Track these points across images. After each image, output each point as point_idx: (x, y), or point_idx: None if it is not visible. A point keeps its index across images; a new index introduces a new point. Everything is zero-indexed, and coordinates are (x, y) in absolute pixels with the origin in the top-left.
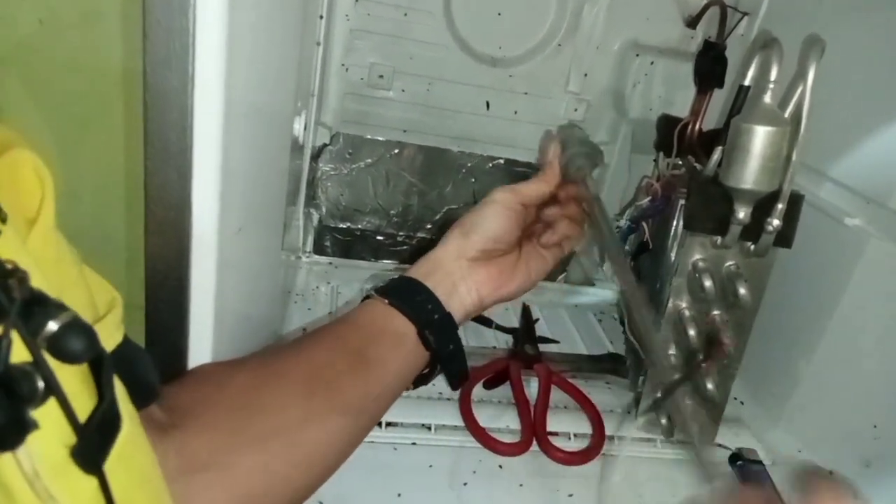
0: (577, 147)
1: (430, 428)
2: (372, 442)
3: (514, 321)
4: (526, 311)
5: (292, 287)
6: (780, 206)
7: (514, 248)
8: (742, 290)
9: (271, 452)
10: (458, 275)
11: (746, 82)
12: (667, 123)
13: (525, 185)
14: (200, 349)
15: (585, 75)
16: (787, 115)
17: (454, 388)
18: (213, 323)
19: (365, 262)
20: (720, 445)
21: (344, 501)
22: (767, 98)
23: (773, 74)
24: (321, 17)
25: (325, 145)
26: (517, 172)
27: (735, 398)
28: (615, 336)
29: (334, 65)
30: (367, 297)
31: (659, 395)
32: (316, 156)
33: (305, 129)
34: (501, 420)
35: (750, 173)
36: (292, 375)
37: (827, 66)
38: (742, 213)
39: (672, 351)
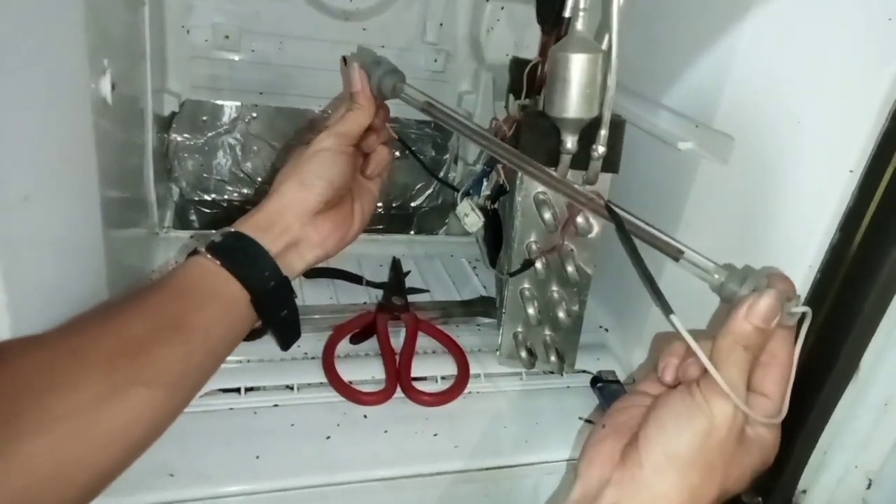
0: (380, 67)
1: (292, 388)
2: (231, 409)
3: (385, 277)
4: (395, 264)
5: (150, 264)
6: (602, 132)
7: (348, 190)
8: (580, 220)
9: (59, 435)
10: (301, 231)
11: (567, 13)
12: (517, 66)
13: (348, 124)
14: None
15: (441, 24)
16: (606, 43)
17: (284, 348)
18: (6, 301)
19: None
20: (582, 371)
21: (196, 471)
22: (579, 25)
23: (583, 2)
24: None
25: (174, 113)
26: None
27: (601, 326)
28: (489, 281)
29: (172, 27)
30: (195, 251)
31: (519, 329)
32: (167, 126)
33: (148, 97)
34: (367, 372)
35: (570, 102)
36: (93, 350)
37: None
38: (570, 143)
39: (526, 284)
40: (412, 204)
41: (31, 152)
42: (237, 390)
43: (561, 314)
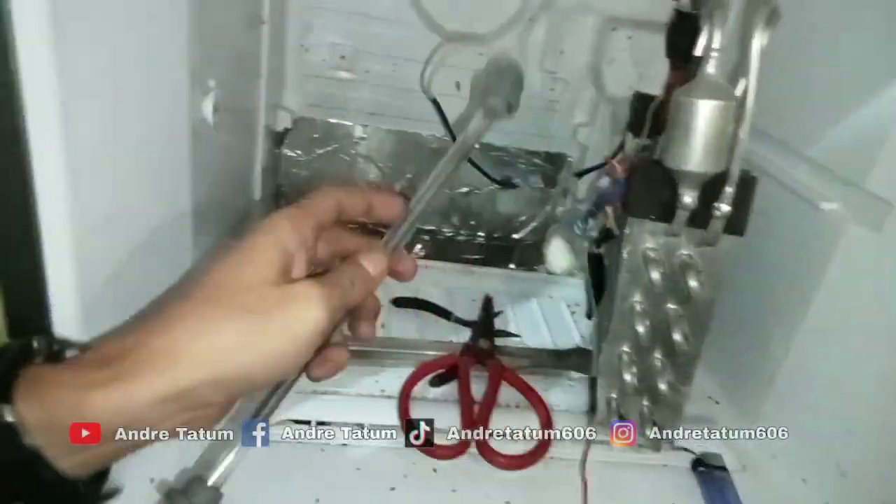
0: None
1: (363, 427)
2: (299, 441)
3: (476, 313)
4: (487, 302)
5: None
6: (728, 189)
7: None
8: (693, 283)
9: None
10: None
11: (698, 52)
12: (640, 101)
13: (353, 292)
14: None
15: (561, 52)
16: (741, 88)
17: None
18: (79, 313)
19: None
20: (684, 449)
21: (252, 502)
22: (710, 68)
23: (716, 41)
24: None
25: (287, 129)
26: (492, 157)
27: (710, 397)
28: (589, 331)
29: (291, 45)
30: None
31: (613, 395)
32: (279, 141)
33: (261, 113)
34: (443, 420)
35: (692, 153)
36: None
37: (809, 35)
38: (688, 198)
39: (626, 348)
40: (514, 236)
41: (118, 174)
42: (308, 422)
43: (662, 386)
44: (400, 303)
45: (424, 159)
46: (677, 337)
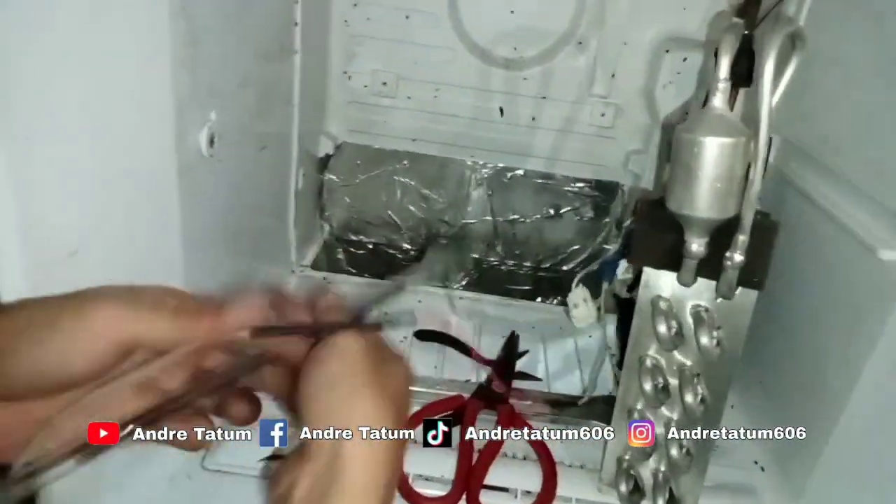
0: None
1: None
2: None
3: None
4: (511, 340)
5: None
6: (741, 237)
7: None
8: (704, 339)
9: None
10: None
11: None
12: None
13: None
14: None
15: (613, 76)
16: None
17: None
18: None
19: (358, 277)
20: None
21: None
22: (717, 101)
23: (723, 70)
24: (296, 24)
25: (328, 155)
26: (538, 185)
27: (756, 462)
28: None
29: (335, 72)
30: None
31: (627, 455)
32: (322, 167)
33: (299, 140)
34: (438, 468)
35: (696, 197)
36: None
37: (881, 57)
38: (695, 246)
39: (638, 405)
40: (563, 267)
41: (84, 209)
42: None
43: (674, 451)
44: (423, 335)
45: (467, 186)
46: (689, 398)
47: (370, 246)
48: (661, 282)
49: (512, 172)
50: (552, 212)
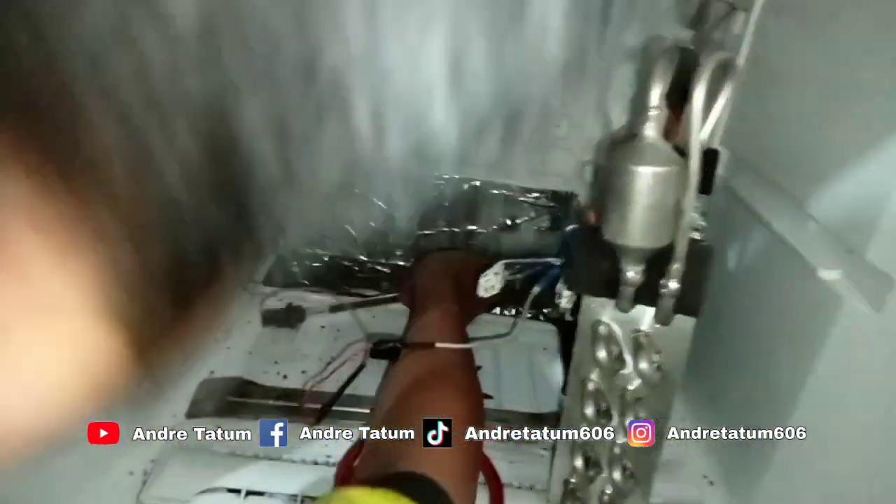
0: None
1: (297, 500)
2: None
3: None
4: None
5: (217, 323)
6: (675, 266)
7: None
8: (643, 364)
9: None
10: None
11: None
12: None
13: None
14: None
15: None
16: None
17: None
18: None
19: (312, 293)
20: None
21: None
22: (649, 130)
23: (654, 98)
24: None
25: None
26: (493, 196)
27: (705, 476)
28: None
29: None
30: None
31: (573, 479)
32: None
33: None
34: None
35: (629, 226)
36: None
37: (824, 73)
38: (631, 273)
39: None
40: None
41: None
42: (238, 492)
43: (616, 475)
44: (376, 354)
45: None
46: (625, 422)
47: (325, 258)
48: (600, 307)
49: (468, 184)
50: (508, 222)
